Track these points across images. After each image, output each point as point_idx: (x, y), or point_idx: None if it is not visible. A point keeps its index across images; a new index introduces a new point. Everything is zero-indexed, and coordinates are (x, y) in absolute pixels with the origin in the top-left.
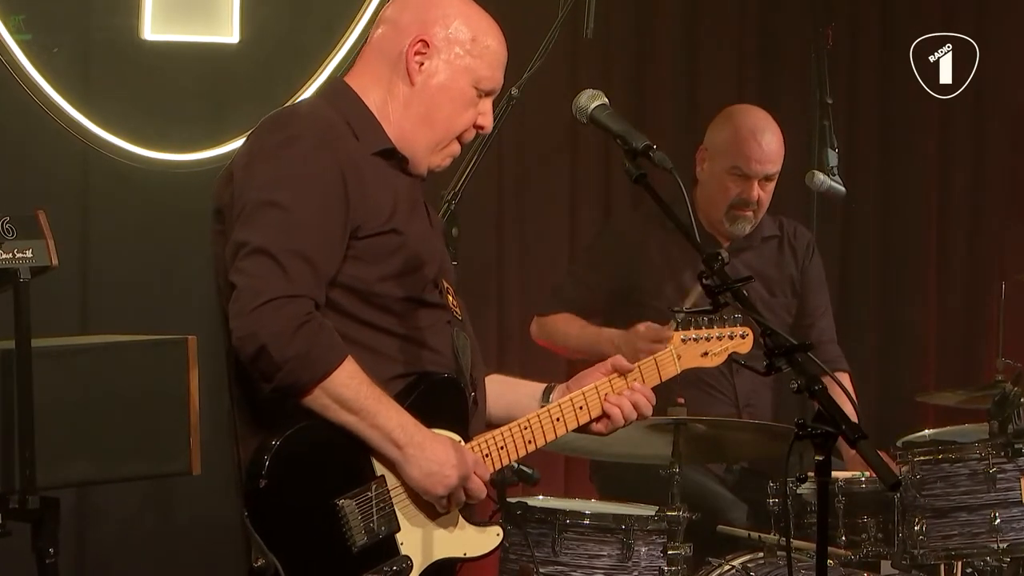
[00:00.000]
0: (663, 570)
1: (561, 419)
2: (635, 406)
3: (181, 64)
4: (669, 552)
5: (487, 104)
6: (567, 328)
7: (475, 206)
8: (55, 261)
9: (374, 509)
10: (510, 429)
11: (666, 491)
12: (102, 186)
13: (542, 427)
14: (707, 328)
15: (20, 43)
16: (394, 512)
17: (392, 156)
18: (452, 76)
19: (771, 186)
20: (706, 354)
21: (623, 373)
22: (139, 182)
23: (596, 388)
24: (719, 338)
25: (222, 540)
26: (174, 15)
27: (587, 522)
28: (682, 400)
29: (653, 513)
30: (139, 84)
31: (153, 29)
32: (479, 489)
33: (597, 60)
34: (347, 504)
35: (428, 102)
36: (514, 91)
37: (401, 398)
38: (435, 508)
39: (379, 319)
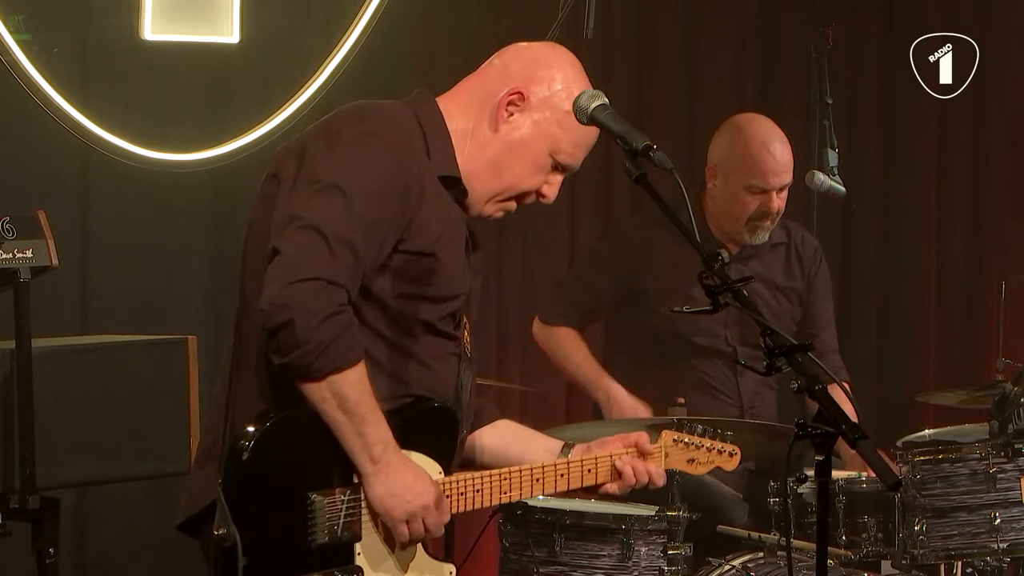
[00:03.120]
0: (663, 570)
1: (566, 476)
2: (649, 475)
3: (181, 64)
4: (669, 552)
5: (557, 178)
6: (572, 352)
7: None
8: (55, 261)
9: (342, 513)
10: (490, 476)
11: (666, 491)
12: (102, 186)
13: (521, 482)
14: (699, 436)
15: (20, 43)
16: (360, 522)
17: (455, 185)
18: (534, 137)
19: (786, 193)
20: (692, 461)
21: (643, 454)
22: (139, 182)
23: (611, 457)
24: (708, 449)
25: None
26: (174, 15)
27: (587, 522)
28: (682, 400)
29: (653, 513)
30: (139, 84)
31: (153, 29)
32: (436, 525)
33: (597, 60)
34: (318, 500)
35: (503, 153)
36: None
37: (396, 415)
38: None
39: (392, 334)
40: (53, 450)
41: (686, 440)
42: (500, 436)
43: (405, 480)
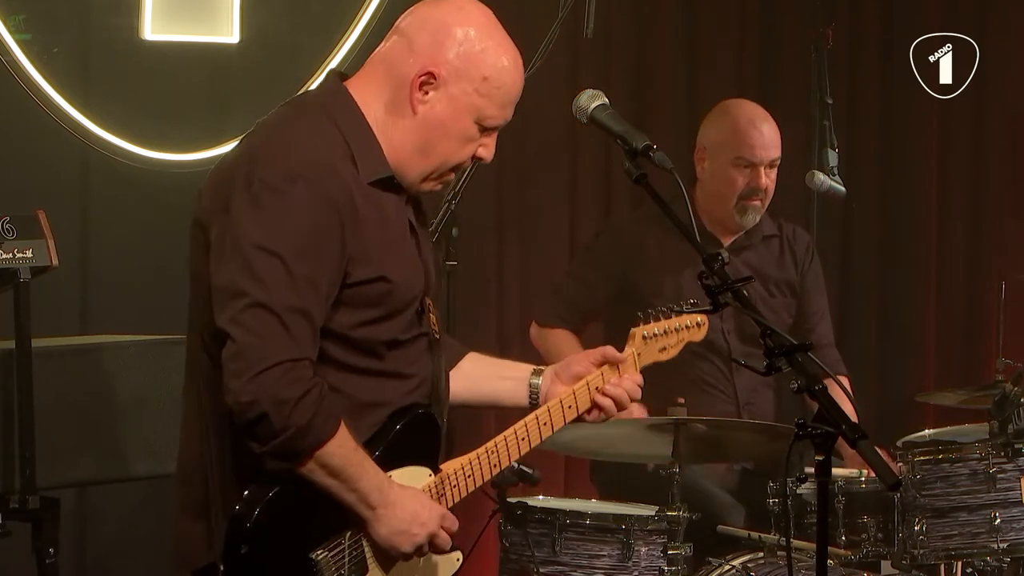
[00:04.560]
0: (663, 570)
1: (549, 423)
2: (629, 394)
3: (181, 64)
4: (669, 552)
5: (491, 138)
6: (566, 352)
7: (475, 206)
8: (55, 261)
9: (347, 558)
10: (477, 456)
11: (666, 491)
12: (102, 186)
13: (508, 449)
14: (665, 319)
15: (20, 43)
16: (364, 560)
17: (389, 182)
18: (455, 112)
19: (774, 173)
20: (664, 349)
21: (615, 363)
22: (139, 182)
23: (587, 384)
24: (676, 330)
25: None
26: (174, 15)
27: (587, 522)
28: (682, 400)
29: (653, 513)
30: (139, 84)
31: (153, 29)
32: (444, 543)
33: (597, 60)
34: (322, 557)
35: (426, 134)
36: None
37: (376, 440)
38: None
39: (359, 361)
40: (53, 450)
41: (655, 331)
42: (465, 378)
43: (406, 515)
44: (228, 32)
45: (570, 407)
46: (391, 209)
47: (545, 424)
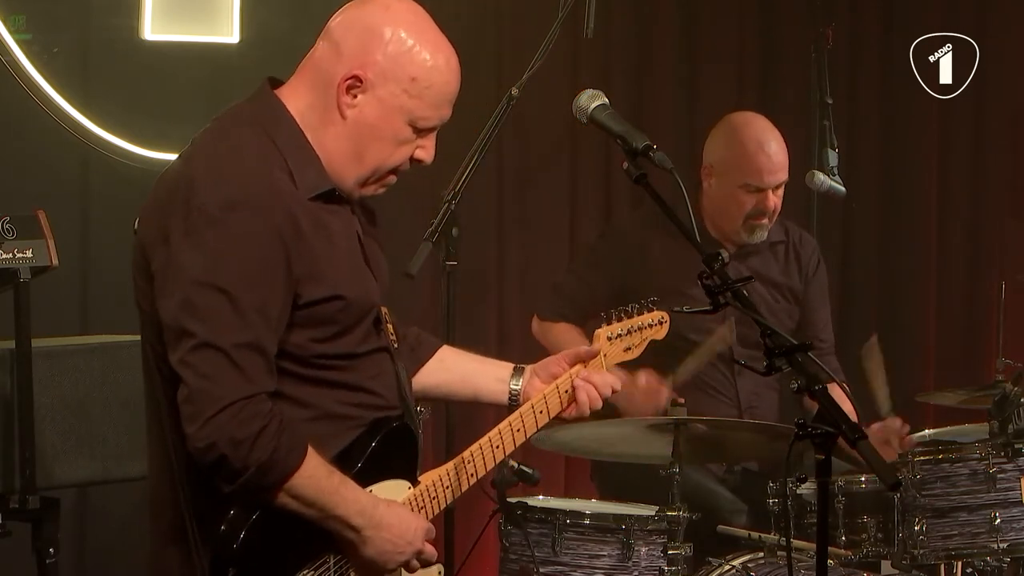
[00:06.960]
0: (663, 570)
1: (522, 429)
2: (598, 388)
3: (181, 64)
4: (669, 552)
5: (428, 140)
6: (570, 343)
7: (475, 206)
8: (55, 261)
9: None
10: (455, 466)
11: (666, 491)
12: (102, 186)
13: (484, 457)
14: (627, 318)
15: (20, 43)
16: None
17: (331, 196)
18: (384, 115)
19: (782, 191)
20: (628, 349)
21: (586, 361)
22: (139, 182)
23: (557, 387)
24: (639, 329)
25: None
26: (174, 15)
27: (587, 522)
28: (682, 400)
29: (653, 513)
30: (139, 84)
31: (153, 29)
32: (431, 555)
33: (597, 60)
34: None
35: (358, 139)
36: (514, 91)
37: (356, 452)
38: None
39: (319, 374)
40: (53, 450)
41: (618, 331)
42: (448, 371)
43: (392, 535)
44: (228, 32)
45: (541, 412)
46: (336, 223)
47: (519, 430)
